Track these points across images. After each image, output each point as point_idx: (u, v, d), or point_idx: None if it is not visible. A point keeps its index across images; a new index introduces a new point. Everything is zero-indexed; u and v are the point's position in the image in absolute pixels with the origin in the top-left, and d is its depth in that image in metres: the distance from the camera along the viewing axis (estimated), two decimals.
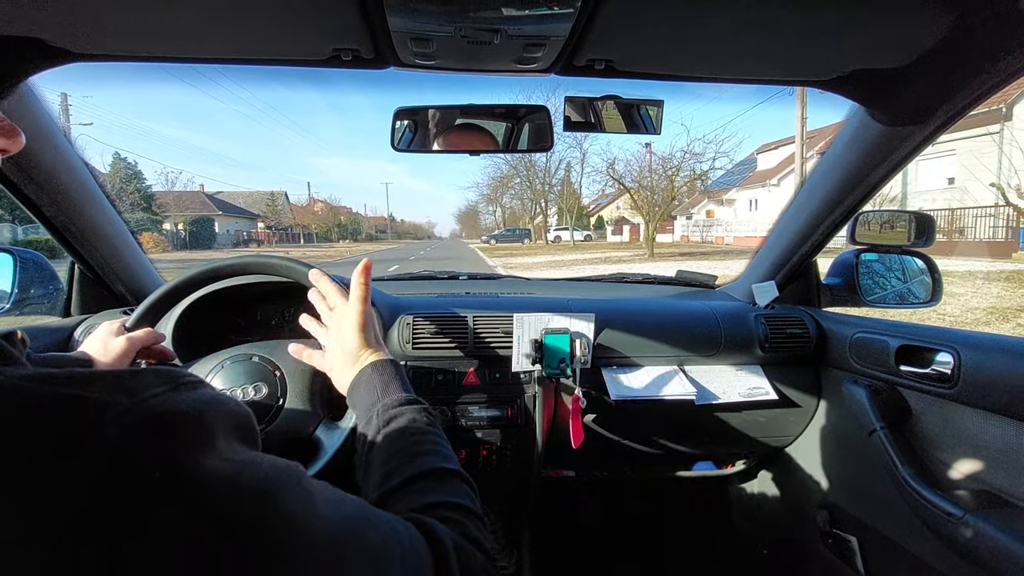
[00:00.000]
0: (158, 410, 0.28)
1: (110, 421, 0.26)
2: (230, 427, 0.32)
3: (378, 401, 0.63)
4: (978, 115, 13.06)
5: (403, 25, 0.68)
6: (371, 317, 0.74)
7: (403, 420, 0.59)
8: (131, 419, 0.27)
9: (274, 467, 0.32)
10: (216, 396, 0.33)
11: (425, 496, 0.49)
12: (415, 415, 0.61)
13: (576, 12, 0.65)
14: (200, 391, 0.32)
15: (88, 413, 0.26)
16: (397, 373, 0.68)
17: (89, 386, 0.27)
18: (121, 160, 35.21)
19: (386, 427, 0.58)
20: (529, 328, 1.15)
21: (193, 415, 0.29)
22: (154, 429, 0.27)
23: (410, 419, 0.60)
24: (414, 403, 0.63)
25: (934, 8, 0.65)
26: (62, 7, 0.66)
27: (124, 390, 0.28)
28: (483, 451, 1.20)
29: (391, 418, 0.59)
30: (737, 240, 24.26)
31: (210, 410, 0.31)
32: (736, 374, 1.24)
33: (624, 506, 1.74)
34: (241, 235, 46.49)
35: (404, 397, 0.63)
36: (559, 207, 37.39)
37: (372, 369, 0.67)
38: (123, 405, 0.27)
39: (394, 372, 0.67)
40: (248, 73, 7.58)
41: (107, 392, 0.27)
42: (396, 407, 0.61)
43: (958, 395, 0.93)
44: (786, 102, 18.01)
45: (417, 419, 0.60)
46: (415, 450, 0.55)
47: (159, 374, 0.31)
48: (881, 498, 1.09)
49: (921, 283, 1.29)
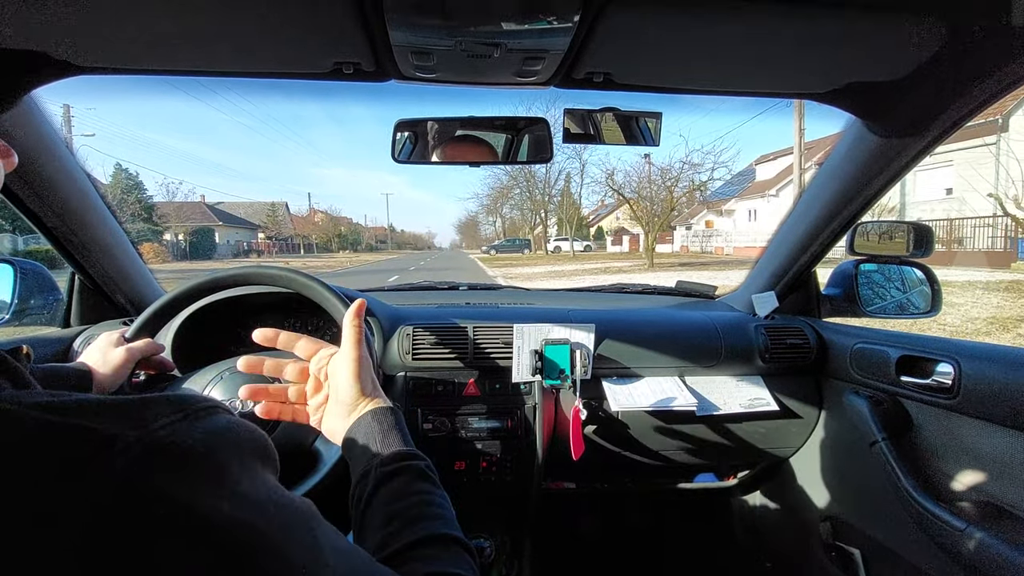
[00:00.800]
0: (165, 442, 0.27)
1: (117, 454, 0.26)
2: (247, 454, 0.32)
3: (377, 454, 0.59)
4: (974, 127, 13.17)
5: (404, 39, 0.69)
6: (367, 361, 0.69)
7: (404, 478, 0.56)
8: (137, 452, 0.26)
9: (286, 509, 0.32)
10: (230, 423, 0.32)
11: (429, 565, 0.47)
12: (417, 472, 0.57)
13: (575, 26, 0.65)
14: (213, 419, 0.31)
15: (94, 445, 0.26)
16: (397, 423, 0.64)
17: (97, 416, 0.27)
18: (122, 171, 35.34)
19: (385, 484, 0.55)
20: (529, 339, 1.15)
21: (201, 448, 0.29)
22: (161, 463, 0.27)
23: (411, 477, 0.56)
24: (415, 458, 0.59)
25: (927, 22, 0.66)
26: (66, 21, 0.66)
27: (132, 421, 0.28)
28: (483, 463, 1.19)
29: (391, 474, 0.56)
30: (737, 250, 24.30)
31: (221, 440, 0.30)
32: (737, 385, 1.24)
33: (625, 519, 1.73)
34: (241, 245, 46.55)
35: (405, 451, 0.59)
36: (559, 217, 37.50)
37: (371, 418, 0.63)
38: (130, 437, 0.26)
39: (394, 422, 0.63)
40: (250, 85, 7.68)
41: (115, 423, 0.27)
42: (396, 463, 0.57)
43: (959, 406, 0.93)
44: (784, 113, 18.20)
45: (419, 477, 0.57)
46: (417, 513, 0.52)
47: (170, 402, 0.30)
48: (884, 510, 1.08)
49: (921, 293, 1.30)
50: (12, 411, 0.26)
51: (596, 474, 1.47)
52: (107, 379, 0.82)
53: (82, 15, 0.66)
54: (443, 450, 1.17)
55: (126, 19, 0.67)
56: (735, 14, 0.66)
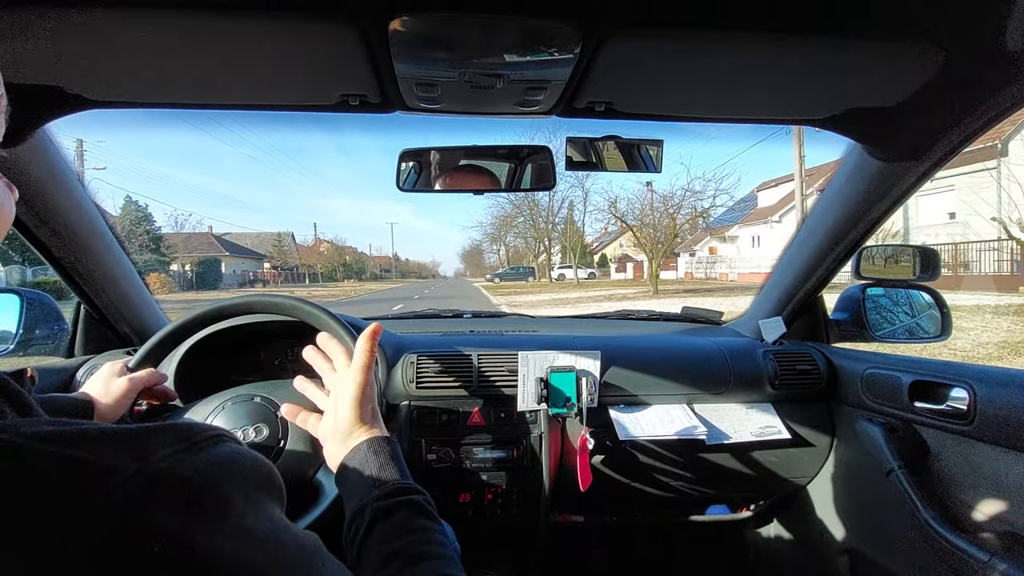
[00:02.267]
0: (165, 474, 0.27)
1: (116, 486, 0.25)
2: (251, 486, 0.31)
3: (373, 487, 0.56)
4: (974, 151, 13.28)
5: (409, 71, 0.71)
6: (372, 388, 0.68)
7: (403, 513, 0.53)
8: (137, 484, 0.26)
9: (289, 546, 0.31)
10: (233, 454, 0.32)
11: None
12: (416, 508, 0.54)
13: (576, 57, 0.67)
14: (216, 449, 0.31)
15: (93, 477, 0.25)
16: (394, 455, 0.61)
17: (97, 448, 0.27)
18: (132, 203, 36.00)
19: (383, 520, 0.52)
20: (534, 366, 1.14)
21: (201, 481, 0.28)
22: (160, 496, 0.26)
23: (411, 513, 0.54)
24: (414, 492, 0.56)
25: (925, 48, 0.67)
26: (79, 56, 0.68)
27: (133, 452, 0.27)
28: (488, 494, 1.16)
29: (389, 509, 0.53)
30: (741, 276, 24.27)
31: (224, 472, 0.30)
32: (747, 412, 1.21)
33: (636, 553, 1.67)
34: (247, 275, 46.93)
35: (403, 485, 0.57)
36: (562, 245, 37.70)
37: (367, 448, 0.61)
38: (130, 469, 0.26)
39: (391, 454, 0.61)
40: (257, 118, 7.92)
41: (115, 454, 0.27)
42: (394, 497, 0.54)
43: (976, 432, 0.91)
44: (784, 140, 18.41)
45: (419, 513, 0.54)
46: (418, 552, 0.49)
47: (173, 432, 0.30)
48: (904, 542, 1.04)
49: (930, 317, 1.28)
50: (10, 442, 0.25)
51: (604, 506, 1.44)
52: (109, 409, 0.81)
53: (96, 52, 0.68)
54: (447, 481, 1.14)
55: (139, 55, 0.69)
56: (734, 44, 0.67)
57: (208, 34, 0.64)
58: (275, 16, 0.61)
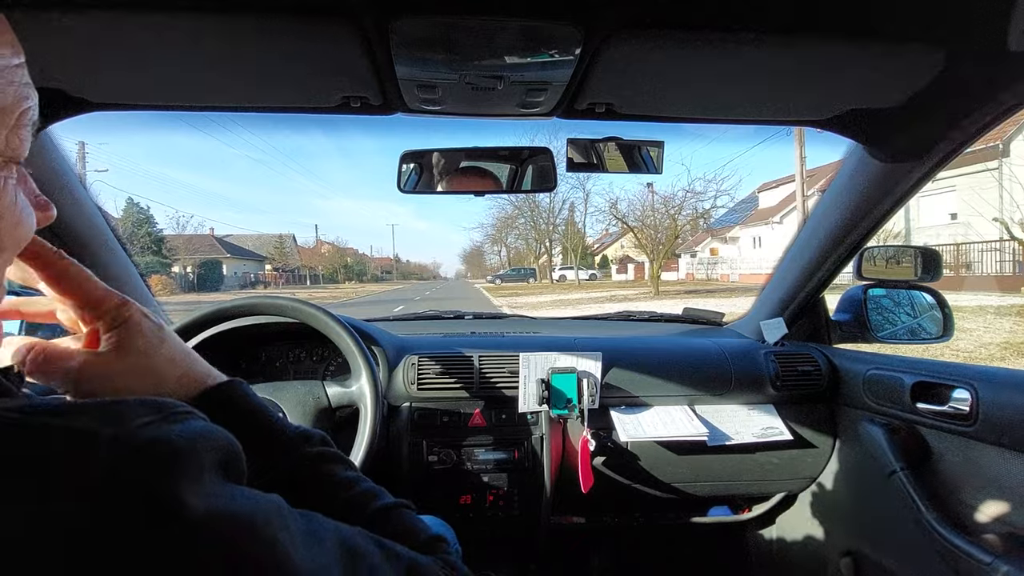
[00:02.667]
0: (146, 440, 0.28)
1: (98, 450, 0.26)
2: (225, 458, 0.32)
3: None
4: (975, 152, 13.25)
5: (410, 73, 0.71)
6: None
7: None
8: (120, 449, 0.26)
9: (261, 502, 0.31)
10: (207, 427, 0.33)
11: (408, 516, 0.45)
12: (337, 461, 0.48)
13: (576, 59, 0.67)
14: (190, 422, 0.31)
15: (76, 443, 0.26)
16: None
17: (78, 416, 0.27)
18: (134, 205, 36.02)
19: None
20: (535, 368, 1.14)
21: (184, 446, 0.29)
22: (144, 460, 0.27)
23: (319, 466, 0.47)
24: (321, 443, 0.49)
25: (925, 48, 0.67)
26: (83, 59, 0.69)
27: (113, 419, 0.28)
28: (490, 496, 1.16)
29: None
30: (743, 277, 24.24)
31: (201, 441, 0.30)
32: (748, 413, 1.21)
33: (637, 555, 1.67)
34: (248, 277, 46.94)
35: (302, 431, 0.50)
36: (563, 246, 37.70)
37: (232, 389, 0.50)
38: (110, 434, 0.26)
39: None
40: (259, 120, 7.84)
41: (96, 421, 0.27)
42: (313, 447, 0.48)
43: (979, 433, 0.90)
44: (785, 141, 18.39)
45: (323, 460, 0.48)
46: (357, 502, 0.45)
47: (148, 404, 0.31)
48: (906, 543, 1.04)
49: (932, 318, 1.28)
50: None
51: (606, 508, 1.43)
52: None
53: (98, 54, 0.68)
54: (449, 483, 1.14)
55: (141, 58, 0.69)
56: (735, 45, 0.67)
57: (210, 37, 0.65)
58: (277, 19, 0.61)
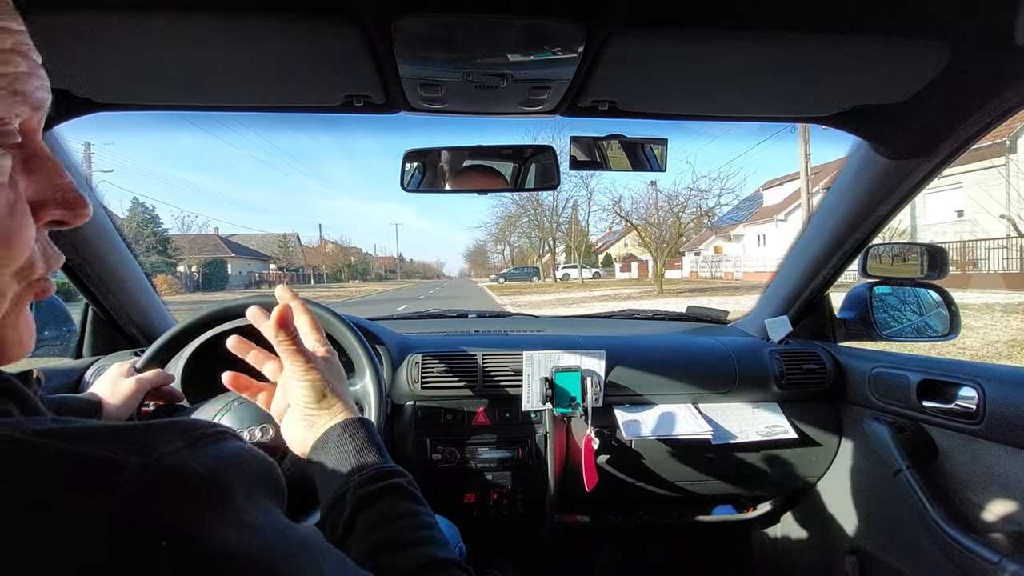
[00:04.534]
0: (170, 469, 0.27)
1: (121, 481, 0.25)
2: (253, 483, 0.31)
3: (351, 474, 0.52)
4: (982, 148, 13.15)
5: (413, 72, 0.71)
6: (334, 364, 0.63)
7: (386, 500, 0.49)
8: (142, 479, 0.26)
9: (290, 538, 0.31)
10: (237, 450, 0.32)
11: None
12: (399, 491, 0.50)
13: (579, 56, 0.67)
14: (220, 445, 0.31)
15: (98, 472, 0.25)
16: (370, 436, 0.56)
17: (101, 443, 0.27)
18: (139, 205, 36.24)
19: (365, 509, 0.48)
20: (539, 366, 1.14)
21: (207, 476, 0.28)
22: (165, 490, 0.26)
23: (394, 498, 0.50)
24: (396, 475, 0.52)
25: (930, 43, 0.66)
26: (88, 60, 0.69)
27: (137, 447, 0.27)
28: (494, 494, 1.16)
29: (371, 497, 0.49)
30: (747, 275, 24.16)
31: (228, 468, 0.30)
32: (753, 412, 1.21)
33: (642, 553, 1.67)
34: (253, 276, 47.09)
35: (384, 468, 0.52)
36: (567, 245, 37.65)
37: (343, 431, 0.56)
38: (134, 464, 0.26)
39: (367, 436, 0.56)
40: (263, 119, 7.90)
41: (119, 449, 0.27)
42: (375, 483, 0.50)
43: (985, 431, 0.90)
44: (789, 139, 18.33)
45: (402, 497, 0.50)
46: (408, 539, 0.46)
47: (176, 428, 0.30)
48: (912, 542, 1.04)
49: (938, 316, 1.27)
50: (15, 438, 0.25)
51: (610, 506, 1.43)
52: (116, 410, 0.82)
53: (104, 55, 0.68)
54: (452, 481, 1.14)
55: (146, 58, 0.69)
56: (738, 42, 0.67)
57: (214, 37, 0.65)
58: (280, 18, 0.61)
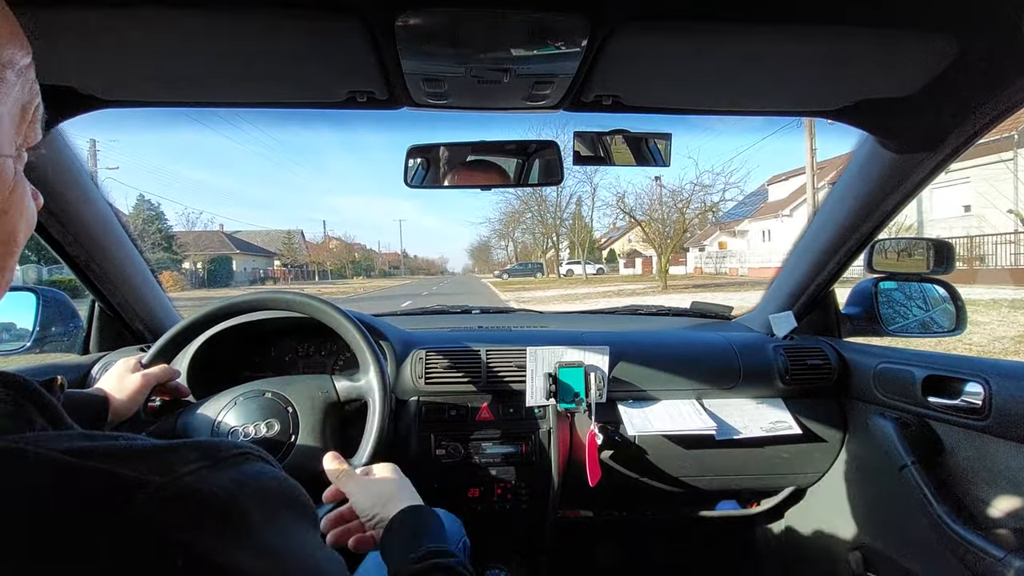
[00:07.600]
0: (189, 489, 0.27)
1: (140, 500, 0.25)
2: (274, 504, 0.31)
3: (409, 551, 0.58)
4: (989, 142, 13.02)
5: (416, 67, 0.71)
6: (374, 480, 0.72)
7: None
8: (161, 499, 0.26)
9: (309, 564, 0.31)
10: (259, 472, 0.32)
11: None
12: (448, 571, 0.55)
13: (582, 51, 0.66)
14: (242, 468, 0.31)
15: (118, 490, 0.26)
16: (422, 521, 0.64)
17: (124, 462, 0.27)
18: (145, 202, 36.43)
19: None
20: (543, 362, 1.14)
21: (225, 498, 0.28)
22: (183, 510, 0.26)
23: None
24: (446, 555, 0.57)
25: (936, 37, 0.66)
26: (93, 57, 0.69)
27: (159, 467, 0.27)
28: (498, 489, 1.17)
29: (421, 573, 0.54)
30: (751, 271, 24.06)
31: (247, 490, 0.30)
32: (757, 407, 1.21)
33: (645, 549, 1.67)
34: (257, 273, 47.26)
35: (436, 549, 0.58)
36: (571, 241, 37.56)
37: (401, 521, 0.64)
38: (154, 484, 0.26)
39: (416, 522, 0.64)
40: (267, 116, 7.94)
41: (141, 469, 0.27)
42: (427, 560, 0.56)
43: (991, 427, 0.89)
44: (795, 133, 18.20)
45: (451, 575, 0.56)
46: None
47: (200, 448, 0.30)
48: (916, 538, 1.04)
49: (944, 311, 1.26)
50: (37, 454, 0.26)
51: (613, 502, 1.44)
52: (123, 405, 0.83)
53: (108, 52, 0.68)
54: (456, 477, 1.15)
55: (150, 55, 0.69)
56: (742, 36, 0.66)
57: (218, 33, 0.65)
58: (284, 14, 0.61)
